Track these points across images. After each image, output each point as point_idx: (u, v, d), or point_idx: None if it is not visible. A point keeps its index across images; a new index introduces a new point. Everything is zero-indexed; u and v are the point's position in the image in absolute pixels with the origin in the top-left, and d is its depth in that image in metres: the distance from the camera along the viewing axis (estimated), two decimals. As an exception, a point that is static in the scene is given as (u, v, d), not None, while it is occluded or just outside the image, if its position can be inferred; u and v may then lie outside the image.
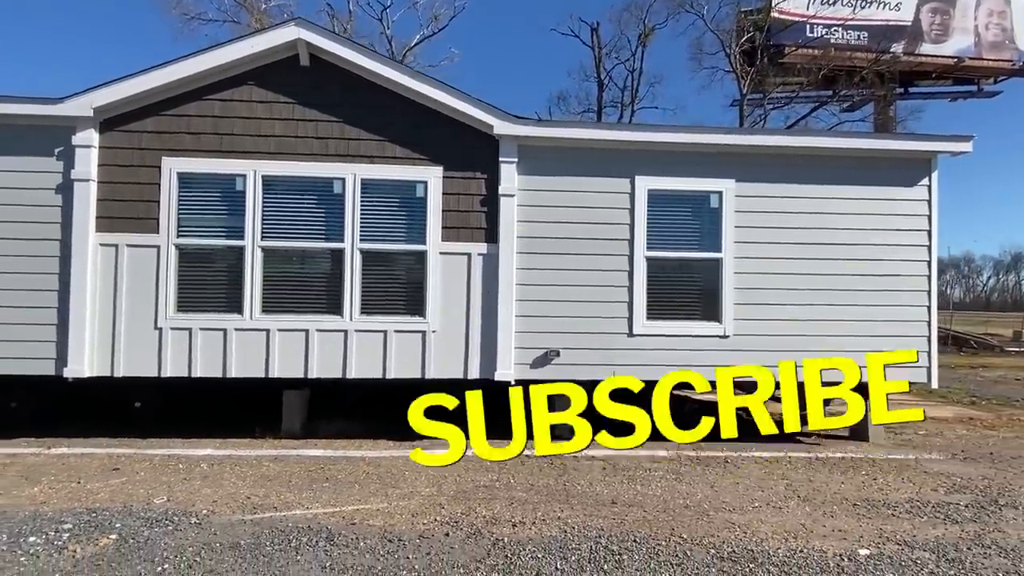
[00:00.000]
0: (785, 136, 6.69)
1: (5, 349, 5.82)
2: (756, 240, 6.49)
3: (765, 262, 6.48)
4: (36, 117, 5.76)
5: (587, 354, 6.24)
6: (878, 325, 6.51)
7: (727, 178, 6.46)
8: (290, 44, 5.96)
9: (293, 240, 6.13)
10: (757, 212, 6.50)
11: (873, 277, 6.54)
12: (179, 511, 4.20)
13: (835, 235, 6.55)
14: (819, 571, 3.51)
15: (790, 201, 6.52)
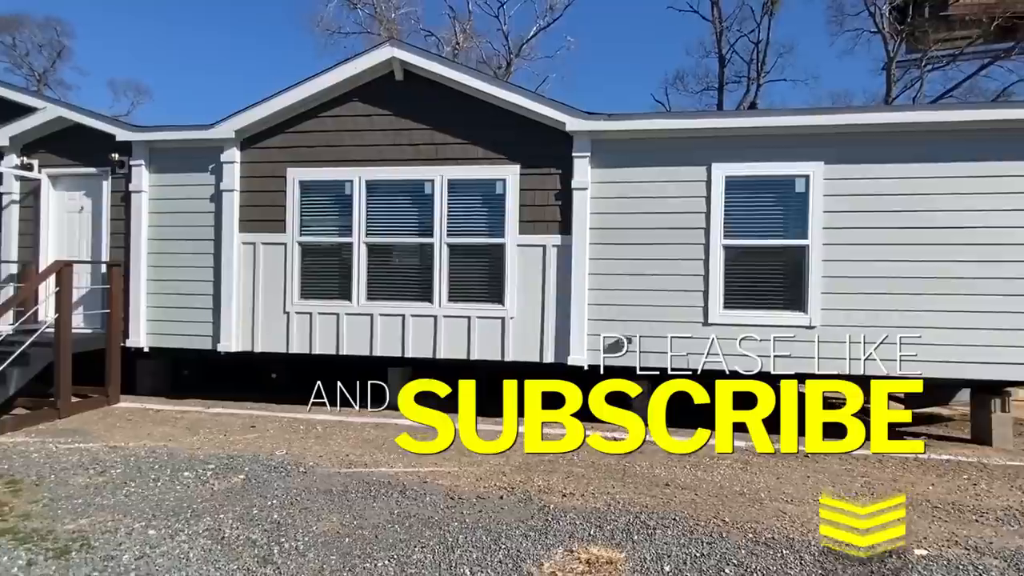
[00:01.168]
0: (884, 112, 6.17)
1: (179, 328, 7.34)
2: (848, 225, 6.10)
3: (859, 248, 6.08)
4: (194, 141, 7.16)
5: (659, 342, 6.33)
6: (996, 317, 5.82)
7: (815, 160, 6.13)
8: (386, 63, 6.75)
9: (391, 236, 6.96)
10: (851, 195, 6.10)
11: (990, 264, 5.84)
12: (292, 462, 5.14)
13: (945, 218, 5.93)
14: (857, 563, 3.47)
15: (891, 183, 6.02)
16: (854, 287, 6.09)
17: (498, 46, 28.31)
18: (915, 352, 5.92)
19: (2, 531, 3.67)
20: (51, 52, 35.67)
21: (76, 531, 3.69)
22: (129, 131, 7.21)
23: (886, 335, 5.99)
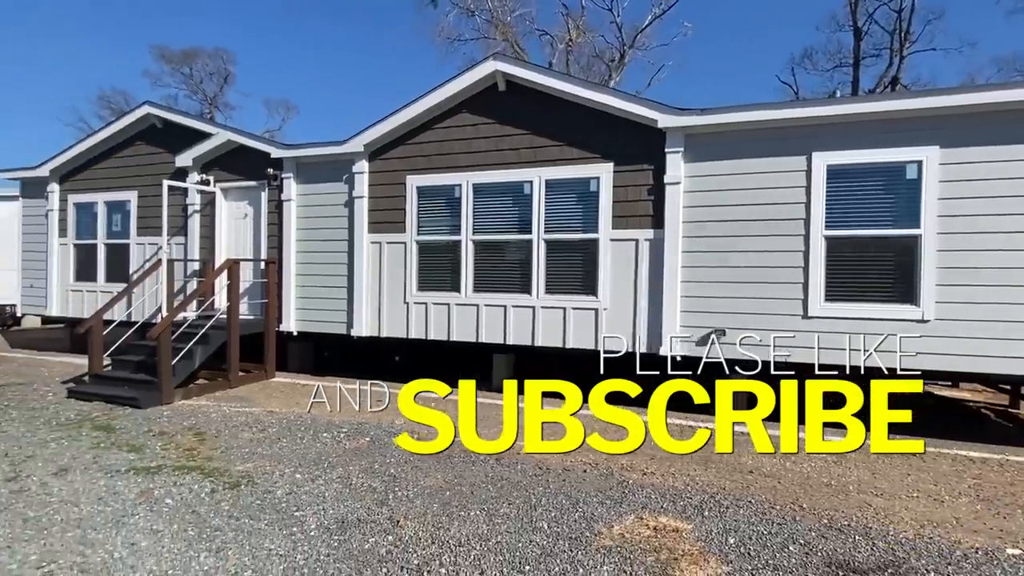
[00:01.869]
0: (1007, 90, 5.58)
1: (321, 316, 8.59)
2: (968, 213, 5.67)
3: (980, 237, 5.63)
4: (331, 155, 8.33)
5: (755, 334, 6.33)
6: None
7: (928, 145, 5.77)
8: (489, 75, 7.38)
9: (494, 234, 7.60)
10: (971, 181, 5.65)
11: None
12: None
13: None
14: (936, 556, 3.45)
15: (1019, 165, 5.51)
16: (974, 279, 5.66)
17: (611, 39, 28.26)
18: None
19: (193, 468, 4.80)
20: (219, 78, 41.56)
21: (244, 472, 4.71)
22: (281, 149, 8.57)
23: (1009, 329, 5.51)
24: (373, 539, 3.58)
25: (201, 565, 3.24)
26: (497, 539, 3.59)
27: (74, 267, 10.48)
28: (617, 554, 3.41)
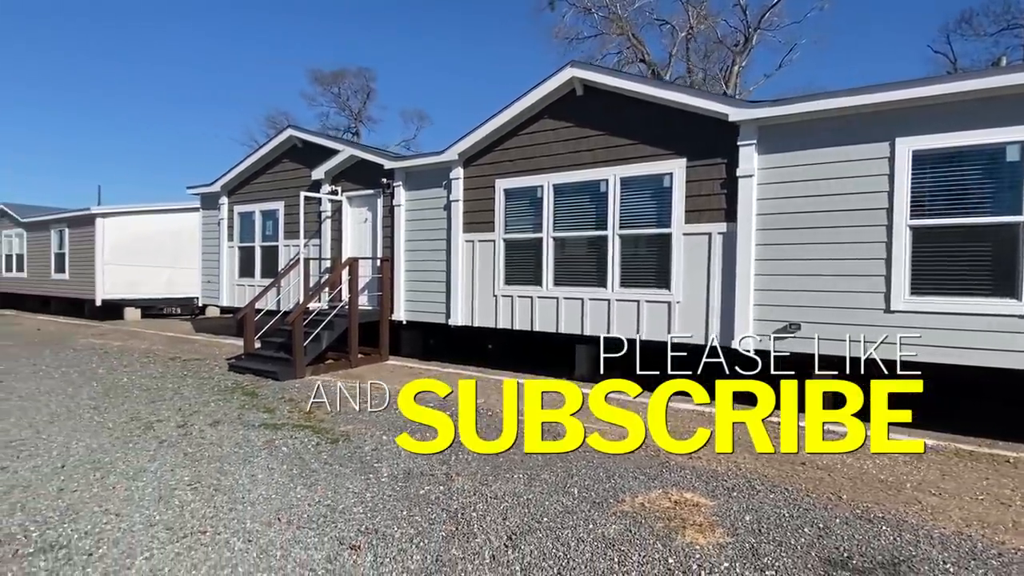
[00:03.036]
0: None
1: (424, 307, 9.65)
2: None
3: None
4: (432, 164, 9.32)
5: (832, 329, 6.13)
6: None
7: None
8: (567, 82, 7.84)
9: (572, 231, 8.05)
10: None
11: None
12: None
13: None
14: (966, 552, 3.39)
15: None
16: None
17: (735, 23, 26.89)
18: None
19: (307, 427, 5.91)
20: (362, 95, 45.96)
21: (344, 432, 5.72)
22: (392, 161, 9.76)
23: None
24: (428, 487, 4.31)
25: (296, 494, 4.19)
26: (529, 496, 4.13)
27: (238, 265, 12.70)
28: (630, 518, 3.80)
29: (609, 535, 3.55)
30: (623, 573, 3.12)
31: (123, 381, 8.19)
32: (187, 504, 3.99)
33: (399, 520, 3.75)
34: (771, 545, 3.44)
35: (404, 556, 3.28)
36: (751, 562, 3.24)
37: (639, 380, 7.51)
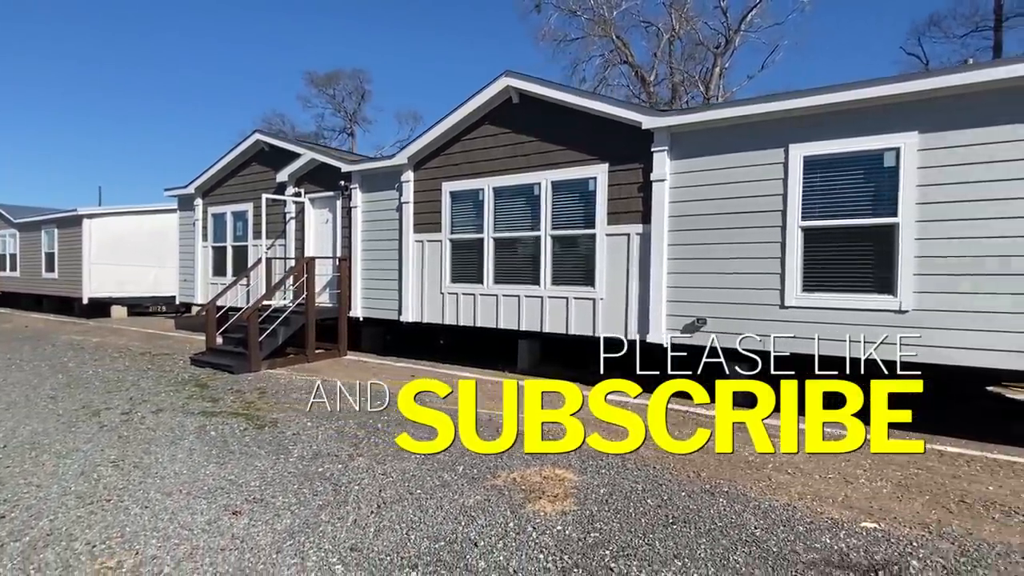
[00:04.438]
0: (987, 69, 5.21)
1: (379, 304, 10.09)
2: (948, 199, 5.44)
3: (963, 225, 5.38)
4: (385, 167, 9.75)
5: (734, 323, 6.55)
6: None
7: (907, 131, 5.61)
8: (504, 90, 8.26)
9: (510, 232, 8.48)
10: (952, 166, 5.42)
11: None
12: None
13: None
14: (779, 519, 3.80)
15: (1002, 147, 5.19)
16: (955, 268, 5.43)
17: (717, 25, 27.20)
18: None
19: (242, 414, 6.36)
20: (357, 96, 46.51)
21: (274, 419, 6.17)
22: (348, 164, 10.21)
23: (996, 322, 5.25)
24: (328, 466, 4.75)
25: (207, 471, 4.63)
26: (416, 474, 4.57)
27: (212, 265, 13.18)
28: (496, 490, 4.22)
29: (468, 504, 3.98)
30: (463, 534, 3.55)
31: (88, 374, 8.67)
32: (104, 478, 4.44)
33: (287, 492, 4.19)
34: (609, 512, 3.87)
35: (276, 519, 3.73)
36: (584, 525, 3.67)
37: (576, 375, 7.98)
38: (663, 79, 29.50)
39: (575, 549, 3.37)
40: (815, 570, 3.17)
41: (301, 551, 3.32)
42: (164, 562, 3.19)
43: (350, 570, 3.13)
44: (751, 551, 3.37)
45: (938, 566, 3.24)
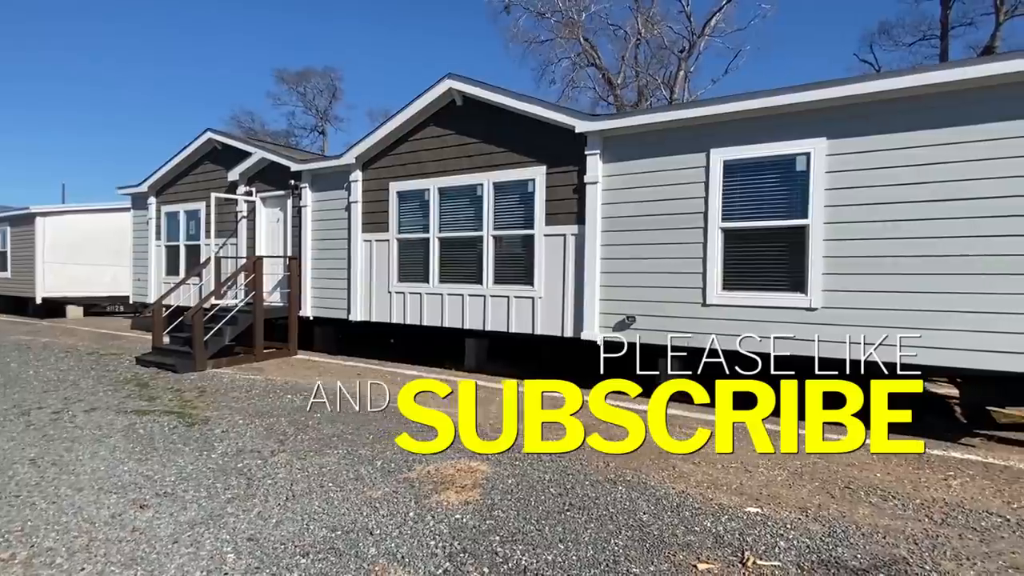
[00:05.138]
0: (887, 79, 5.53)
1: (329, 303, 10.13)
2: (854, 202, 5.74)
3: (867, 226, 5.69)
4: (334, 167, 9.81)
5: (660, 321, 6.79)
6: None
7: (816, 137, 5.90)
8: (446, 93, 8.40)
9: (454, 231, 8.63)
10: (856, 171, 5.73)
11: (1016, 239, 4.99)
12: (357, 396, 7.20)
13: (972, 188, 5.23)
14: (667, 505, 4.01)
15: (905, 153, 5.51)
16: (859, 268, 5.74)
17: (681, 29, 27.71)
18: (931, 339, 5.40)
19: (175, 412, 6.39)
20: (328, 94, 46.17)
21: (206, 417, 6.21)
22: (298, 164, 10.24)
23: (895, 319, 5.56)
24: (248, 461, 4.83)
25: (125, 467, 4.68)
26: (333, 468, 4.68)
27: (165, 264, 13.07)
28: (407, 483, 4.36)
29: (375, 496, 4.11)
30: (362, 523, 3.68)
31: (28, 374, 8.56)
32: (18, 475, 4.46)
33: (200, 486, 4.27)
34: (510, 501, 4.04)
35: (182, 512, 3.81)
36: (482, 513, 3.83)
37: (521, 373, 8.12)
38: (630, 82, 29.95)
39: (467, 535, 3.53)
40: (688, 551, 3.38)
41: (198, 541, 3.42)
42: (58, 553, 3.26)
43: (242, 558, 3.24)
44: (633, 535, 3.57)
45: (803, 546, 3.47)
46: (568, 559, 3.27)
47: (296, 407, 6.65)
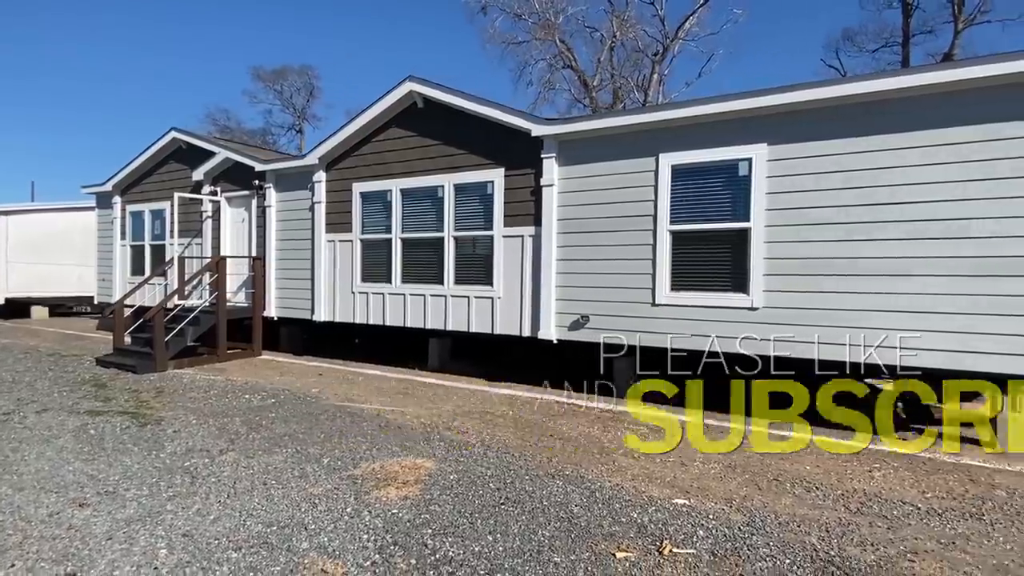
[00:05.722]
0: (825, 88, 5.77)
1: (293, 304, 10.14)
2: (793, 206, 5.97)
3: (804, 229, 5.92)
4: (298, 167, 9.83)
5: (612, 320, 6.97)
6: (967, 301, 5.24)
7: (758, 143, 6.12)
8: (407, 95, 8.49)
9: (416, 232, 8.73)
10: (795, 175, 5.95)
11: (953, 242, 5.25)
12: (314, 396, 7.25)
13: (903, 193, 5.48)
14: (599, 498, 4.16)
15: (840, 159, 5.74)
16: (798, 269, 5.97)
17: (655, 33, 28.05)
18: (868, 337, 5.65)
19: (129, 413, 6.40)
20: (306, 93, 45.79)
21: (160, 417, 6.23)
22: (262, 164, 10.23)
23: (831, 318, 5.80)
24: (196, 460, 4.89)
25: (71, 467, 4.70)
26: (279, 466, 4.75)
27: (131, 264, 12.93)
28: (349, 478, 4.46)
29: (315, 492, 4.20)
30: (298, 519, 3.77)
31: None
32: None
33: (143, 484, 4.32)
34: (449, 496, 4.16)
35: (121, 510, 3.86)
36: (419, 508, 3.94)
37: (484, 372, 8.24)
38: (606, 84, 30.24)
39: (400, 529, 3.64)
40: (610, 540, 3.53)
41: (132, 538, 3.48)
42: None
43: (174, 553, 3.31)
44: (561, 526, 3.71)
45: (721, 535, 3.65)
46: (495, 550, 3.41)
47: (252, 407, 6.69)
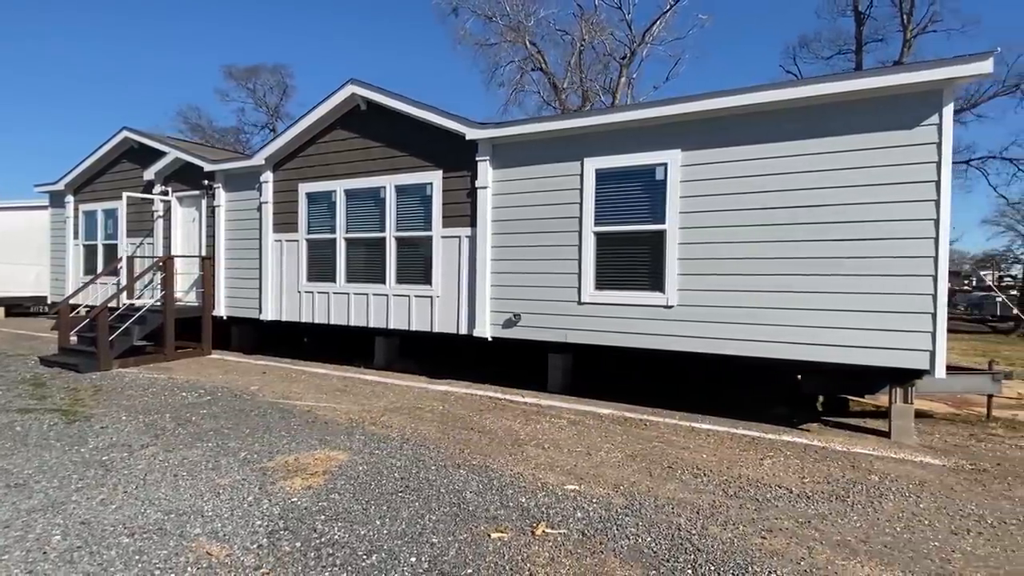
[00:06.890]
0: (735, 96, 6.08)
1: (241, 303, 10.23)
2: (705, 209, 6.28)
3: (715, 231, 6.23)
4: (246, 168, 9.93)
5: (542, 318, 7.22)
6: (855, 298, 5.59)
7: (672, 148, 6.42)
8: (350, 98, 8.66)
9: (360, 232, 8.89)
10: (706, 180, 6.26)
11: (849, 243, 5.60)
12: (251, 393, 7.38)
13: (803, 196, 5.81)
14: (495, 485, 4.39)
15: (747, 164, 6.05)
16: (709, 268, 6.27)
17: (622, 37, 28.47)
18: (771, 333, 5.97)
19: (61, 410, 6.47)
20: (279, 91, 45.43)
21: (91, 414, 6.32)
22: (211, 164, 10.30)
23: (739, 315, 6.11)
24: (115, 454, 5.01)
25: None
26: (196, 460, 4.89)
27: (83, 263, 12.87)
28: (260, 470, 4.63)
29: (222, 483, 4.37)
30: (198, 507, 3.94)
31: (-81, 376, 8.42)
32: None
33: (56, 477, 4.45)
34: (352, 486, 4.35)
35: (26, 501, 3.99)
36: (320, 496, 4.13)
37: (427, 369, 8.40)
38: (575, 87, 30.57)
39: (295, 516, 3.83)
40: (491, 523, 3.76)
41: (30, 526, 3.62)
42: None
43: (67, 539, 3.46)
44: (449, 511, 3.93)
45: (596, 517, 3.90)
46: (380, 533, 3.61)
47: (187, 404, 6.81)
